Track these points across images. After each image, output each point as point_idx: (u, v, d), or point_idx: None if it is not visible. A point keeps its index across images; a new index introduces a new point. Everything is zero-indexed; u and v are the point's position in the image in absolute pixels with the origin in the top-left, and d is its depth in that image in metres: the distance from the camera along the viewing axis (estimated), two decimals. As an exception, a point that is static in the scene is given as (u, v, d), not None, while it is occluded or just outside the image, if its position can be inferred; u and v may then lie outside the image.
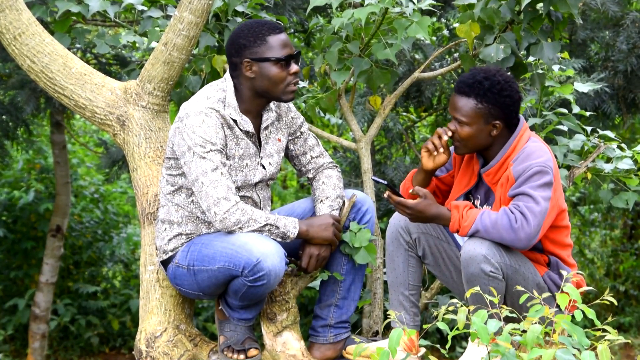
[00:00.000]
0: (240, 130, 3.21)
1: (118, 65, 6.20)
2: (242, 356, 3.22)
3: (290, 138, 3.41)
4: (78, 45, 5.98)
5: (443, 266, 3.41)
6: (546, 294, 2.62)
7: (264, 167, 3.28)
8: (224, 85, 3.23)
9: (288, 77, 3.19)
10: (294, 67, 3.20)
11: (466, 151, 3.25)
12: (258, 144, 3.28)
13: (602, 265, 9.01)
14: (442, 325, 2.46)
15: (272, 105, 3.32)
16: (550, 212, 3.10)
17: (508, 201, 3.14)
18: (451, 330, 2.48)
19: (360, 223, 3.36)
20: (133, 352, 3.40)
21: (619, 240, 9.34)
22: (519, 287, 2.70)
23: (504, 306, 2.58)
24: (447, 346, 2.56)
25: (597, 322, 2.41)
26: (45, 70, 3.51)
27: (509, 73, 3.24)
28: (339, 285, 3.38)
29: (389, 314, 2.94)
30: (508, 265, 3.07)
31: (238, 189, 3.21)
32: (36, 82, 3.55)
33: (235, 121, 3.19)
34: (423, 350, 3.25)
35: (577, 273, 2.91)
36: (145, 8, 4.11)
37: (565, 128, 4.03)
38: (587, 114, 4.18)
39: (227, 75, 3.25)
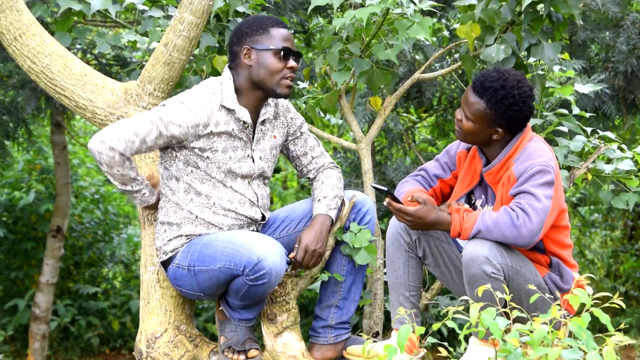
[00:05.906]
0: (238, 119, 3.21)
1: (118, 66, 6.19)
2: (242, 357, 3.22)
3: (290, 139, 3.41)
4: (78, 46, 5.99)
5: (443, 267, 3.41)
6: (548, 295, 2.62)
7: (252, 160, 3.27)
8: (221, 79, 3.24)
9: (284, 69, 3.20)
10: (291, 62, 3.21)
11: (463, 140, 3.27)
12: (252, 137, 3.28)
13: (603, 266, 9.01)
14: (451, 324, 2.46)
15: (271, 102, 3.32)
16: (552, 211, 3.10)
17: (509, 200, 3.14)
18: (459, 329, 2.48)
19: (360, 224, 3.36)
20: (133, 353, 3.40)
21: (619, 241, 9.34)
22: (531, 286, 2.69)
23: (513, 303, 2.57)
24: (462, 347, 2.56)
25: (610, 328, 2.37)
26: (46, 71, 3.50)
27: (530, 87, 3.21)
28: (339, 286, 3.38)
29: (398, 311, 2.92)
30: (509, 266, 3.07)
31: (225, 179, 3.20)
32: (37, 82, 3.55)
33: (233, 111, 3.20)
34: (424, 351, 3.25)
35: (586, 276, 2.89)
36: (146, 8, 4.11)
37: (565, 129, 4.03)
38: (588, 115, 4.18)
39: (225, 71, 3.26)
